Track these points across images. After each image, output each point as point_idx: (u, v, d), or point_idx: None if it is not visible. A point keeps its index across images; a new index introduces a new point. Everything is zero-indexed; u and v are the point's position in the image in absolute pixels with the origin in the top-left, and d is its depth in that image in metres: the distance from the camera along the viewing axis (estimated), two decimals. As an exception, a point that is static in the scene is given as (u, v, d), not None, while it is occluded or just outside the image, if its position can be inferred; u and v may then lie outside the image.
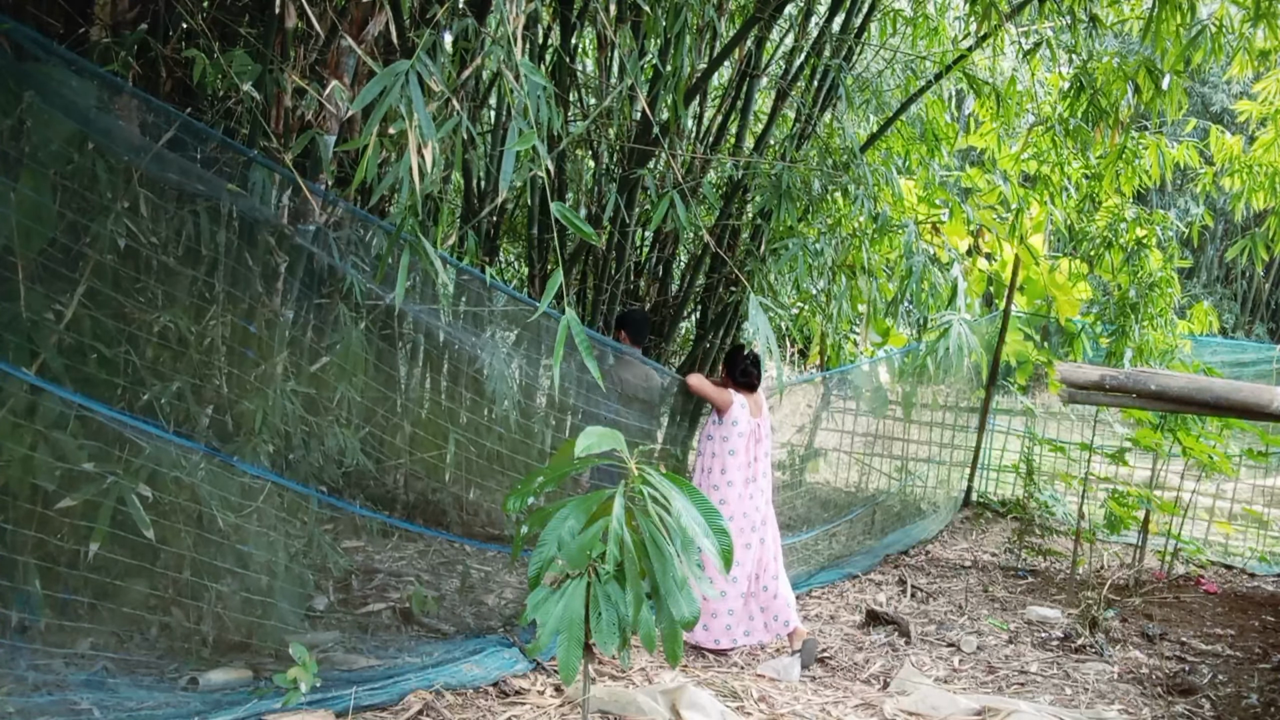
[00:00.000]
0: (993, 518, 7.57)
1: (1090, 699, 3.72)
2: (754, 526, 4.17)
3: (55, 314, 2.61)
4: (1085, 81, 5.17)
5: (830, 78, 4.82)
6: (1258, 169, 6.36)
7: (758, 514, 4.18)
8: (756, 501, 4.19)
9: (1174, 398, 4.41)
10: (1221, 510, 7.06)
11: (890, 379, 7.01)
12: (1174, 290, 6.97)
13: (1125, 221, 6.75)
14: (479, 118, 5.02)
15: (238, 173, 2.84)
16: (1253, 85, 6.41)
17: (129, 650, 2.91)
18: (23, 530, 2.58)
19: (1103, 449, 6.08)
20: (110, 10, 2.85)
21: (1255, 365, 10.48)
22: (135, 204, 2.70)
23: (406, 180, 2.15)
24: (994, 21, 4.72)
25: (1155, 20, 4.49)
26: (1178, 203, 16.41)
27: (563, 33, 4.58)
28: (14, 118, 2.47)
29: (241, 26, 3.06)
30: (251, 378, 2.98)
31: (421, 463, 3.73)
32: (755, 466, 4.22)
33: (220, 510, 2.84)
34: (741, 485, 4.15)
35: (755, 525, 4.17)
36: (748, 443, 4.17)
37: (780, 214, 4.41)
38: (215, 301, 2.89)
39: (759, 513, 4.19)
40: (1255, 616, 5.12)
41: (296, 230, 3.05)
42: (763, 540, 4.20)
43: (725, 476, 4.12)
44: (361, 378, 3.31)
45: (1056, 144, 6.01)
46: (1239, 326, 17.86)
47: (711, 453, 4.18)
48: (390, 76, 2.12)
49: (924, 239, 5.91)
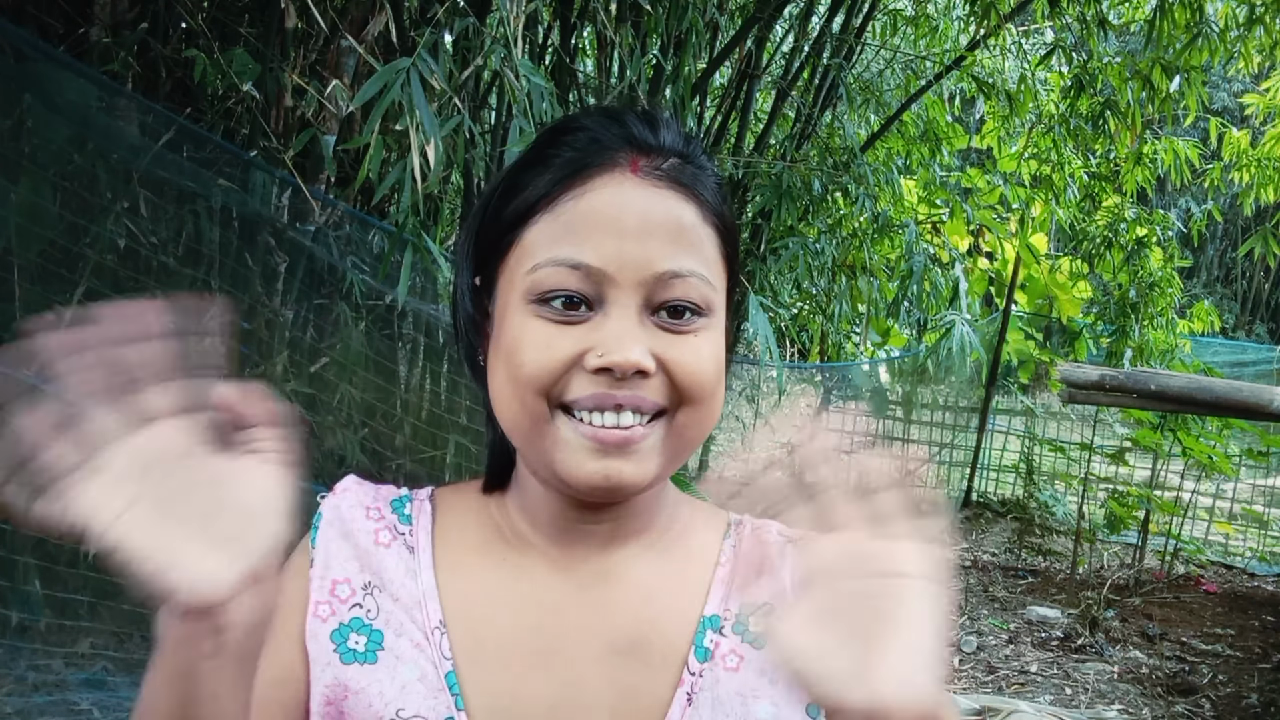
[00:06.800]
0: (993, 518, 7.57)
1: (1090, 699, 3.72)
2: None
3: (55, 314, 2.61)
4: (1085, 81, 5.17)
5: (830, 77, 4.82)
6: (1266, 163, 6.36)
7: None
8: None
9: (1174, 398, 4.41)
10: (1221, 510, 7.06)
11: (890, 378, 7.01)
12: (1174, 290, 6.97)
13: (1125, 221, 6.75)
14: (479, 117, 5.02)
15: (238, 173, 2.84)
16: (1258, 83, 6.42)
17: (129, 650, 2.91)
18: (23, 530, 2.57)
19: (1103, 449, 6.08)
20: (110, 10, 2.85)
21: (1255, 365, 10.50)
22: (135, 204, 2.70)
23: (408, 180, 2.15)
24: (994, 21, 4.71)
25: (1162, 18, 4.48)
26: (1178, 202, 16.42)
27: (563, 33, 4.58)
28: (14, 118, 2.47)
29: (241, 26, 3.06)
30: (250, 377, 2.97)
31: (422, 461, 3.73)
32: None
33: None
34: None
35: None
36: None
37: (780, 214, 4.41)
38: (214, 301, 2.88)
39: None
40: (1255, 616, 5.12)
41: (297, 230, 3.05)
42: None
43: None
44: (362, 374, 3.31)
45: (1057, 144, 6.01)
46: (1239, 326, 17.87)
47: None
48: (391, 74, 2.11)
49: (924, 239, 5.92)
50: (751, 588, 0.73)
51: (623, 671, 0.71)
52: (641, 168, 0.69)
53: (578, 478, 0.67)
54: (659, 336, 0.67)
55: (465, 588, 0.73)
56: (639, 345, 0.66)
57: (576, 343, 0.66)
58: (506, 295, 0.70)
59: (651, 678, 0.71)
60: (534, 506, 0.75)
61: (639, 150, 0.70)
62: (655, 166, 0.69)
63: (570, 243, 0.67)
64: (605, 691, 0.71)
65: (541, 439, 0.67)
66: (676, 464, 0.72)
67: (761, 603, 0.72)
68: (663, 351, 0.67)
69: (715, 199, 0.72)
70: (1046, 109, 6.14)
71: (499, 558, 0.75)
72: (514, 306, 0.69)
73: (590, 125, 0.71)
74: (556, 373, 0.66)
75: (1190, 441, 5.51)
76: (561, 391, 0.66)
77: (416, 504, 0.78)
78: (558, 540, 0.74)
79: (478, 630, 0.71)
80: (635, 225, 0.67)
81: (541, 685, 0.70)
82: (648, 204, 0.68)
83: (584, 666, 0.71)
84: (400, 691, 0.68)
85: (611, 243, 0.67)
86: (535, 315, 0.67)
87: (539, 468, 0.71)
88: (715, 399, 0.71)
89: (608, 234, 0.67)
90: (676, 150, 0.71)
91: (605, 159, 0.69)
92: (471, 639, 0.71)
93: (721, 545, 0.79)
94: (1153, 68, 4.80)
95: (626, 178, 0.68)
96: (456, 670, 0.69)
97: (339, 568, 0.73)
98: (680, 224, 0.69)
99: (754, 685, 0.72)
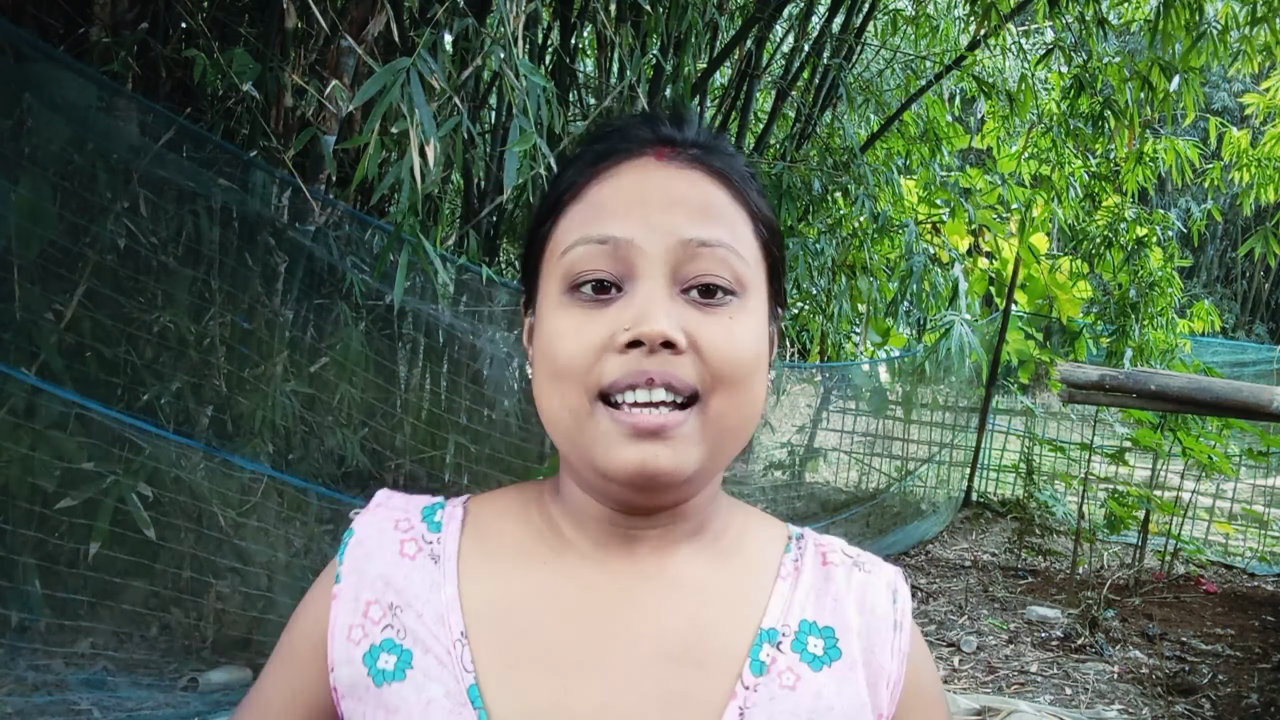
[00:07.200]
0: (993, 518, 7.56)
1: (1090, 699, 3.72)
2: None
3: (55, 314, 2.61)
4: (1085, 81, 5.17)
5: (830, 77, 4.82)
6: (1266, 163, 6.36)
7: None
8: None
9: (1174, 398, 4.41)
10: (1221, 510, 7.06)
11: (890, 378, 7.01)
12: (1174, 290, 6.96)
13: (1126, 221, 6.75)
14: (479, 118, 5.02)
15: (238, 173, 2.84)
16: (1258, 83, 6.41)
17: (129, 650, 2.91)
18: (23, 530, 2.58)
19: (1103, 449, 6.07)
20: (110, 10, 2.85)
21: (1255, 365, 10.49)
22: (135, 204, 2.70)
23: (407, 180, 2.15)
24: (994, 21, 4.72)
25: (1162, 18, 4.48)
26: (1178, 202, 16.42)
27: (563, 33, 4.58)
28: (14, 118, 2.47)
29: (241, 26, 3.06)
30: (250, 376, 2.98)
31: (422, 461, 3.73)
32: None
33: (221, 508, 2.84)
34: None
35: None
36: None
37: (780, 214, 4.41)
38: (215, 301, 2.88)
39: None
40: (1255, 616, 5.11)
41: (297, 230, 3.05)
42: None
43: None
44: (362, 374, 3.31)
45: (1056, 144, 6.01)
46: (1239, 326, 17.86)
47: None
48: (390, 74, 2.11)
49: (924, 239, 5.92)
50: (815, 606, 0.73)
51: (672, 677, 0.68)
52: (667, 155, 0.70)
53: (615, 466, 0.65)
54: (690, 314, 0.67)
55: (495, 594, 0.71)
56: (667, 317, 0.65)
57: (608, 325, 0.66)
58: (545, 293, 0.70)
59: (703, 685, 0.68)
60: (578, 511, 0.73)
61: (665, 141, 0.71)
62: (681, 153, 0.70)
63: (597, 221, 0.67)
64: (653, 698, 0.67)
65: (581, 434, 0.67)
66: (720, 458, 0.70)
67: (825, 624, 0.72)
68: (695, 329, 0.66)
69: (746, 185, 0.72)
70: (1047, 109, 6.14)
71: (539, 561, 0.72)
72: (550, 301, 0.69)
73: (620, 124, 0.73)
74: (590, 358, 0.65)
75: (1190, 441, 5.51)
76: (598, 378, 0.65)
77: (448, 510, 0.76)
78: (604, 543, 0.72)
79: (509, 640, 0.69)
80: (660, 199, 0.68)
81: (584, 691, 0.67)
82: (673, 181, 0.69)
83: (630, 671, 0.68)
84: (425, 708, 0.67)
85: (637, 214, 0.67)
86: (568, 305, 0.67)
87: (581, 467, 0.69)
88: (753, 385, 0.69)
89: (633, 208, 0.67)
90: (703, 142, 0.72)
91: (632, 148, 0.70)
92: (499, 648, 0.69)
93: (782, 558, 0.76)
94: (1151, 68, 4.80)
95: (652, 162, 0.69)
96: (481, 682, 0.67)
97: (368, 588, 0.72)
98: (707, 199, 0.69)
99: (809, 708, 0.68)
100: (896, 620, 0.74)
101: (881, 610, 0.74)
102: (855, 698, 0.70)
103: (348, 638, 0.71)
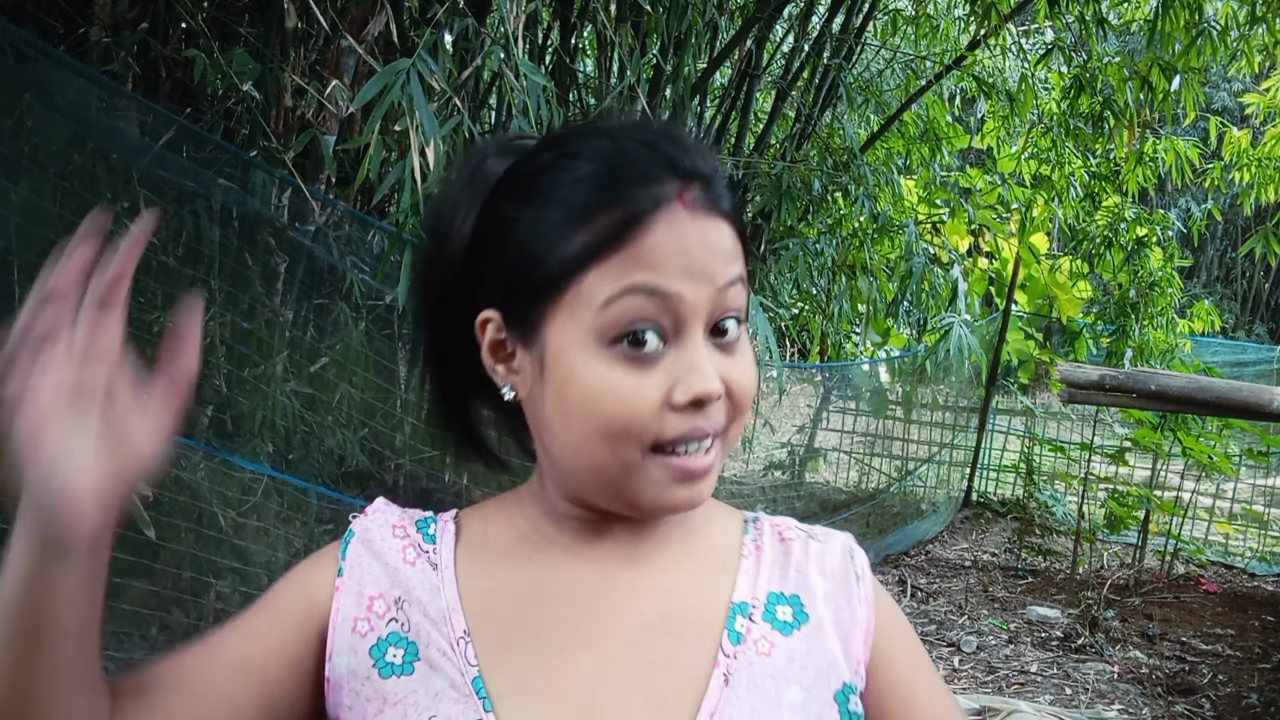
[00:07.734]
0: (993, 518, 7.57)
1: (1090, 699, 3.72)
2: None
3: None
4: (1085, 81, 5.17)
5: (830, 77, 4.82)
6: (1266, 162, 6.35)
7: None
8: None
9: (1174, 398, 4.41)
10: (1221, 510, 7.06)
11: (890, 378, 7.01)
12: (1174, 290, 6.96)
13: (1126, 221, 6.74)
14: (480, 118, 5.02)
15: (238, 173, 2.84)
16: (1258, 83, 6.42)
17: (129, 650, 2.91)
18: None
19: (1103, 449, 6.07)
20: (110, 10, 2.85)
21: (1256, 365, 10.49)
22: (135, 204, 2.69)
23: (408, 180, 2.15)
24: (994, 21, 4.72)
25: (1162, 18, 4.48)
26: (1178, 202, 16.42)
27: (563, 33, 4.58)
28: (14, 118, 2.47)
29: (241, 26, 3.06)
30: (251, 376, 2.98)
31: (422, 461, 3.73)
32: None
33: (221, 508, 2.84)
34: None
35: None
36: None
37: (780, 214, 4.41)
38: (215, 301, 2.88)
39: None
40: (1255, 616, 5.12)
41: (297, 230, 3.05)
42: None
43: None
44: (362, 375, 3.31)
45: (1056, 144, 6.01)
46: (1239, 326, 17.87)
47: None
48: (390, 74, 2.11)
49: (924, 239, 5.92)
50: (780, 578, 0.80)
51: (657, 648, 0.73)
52: (689, 201, 0.71)
53: (663, 506, 0.72)
54: (719, 359, 0.71)
55: (490, 592, 0.76)
56: (715, 371, 0.70)
57: (660, 384, 0.69)
58: (560, 338, 0.70)
59: (685, 653, 0.73)
60: (557, 512, 0.78)
61: (683, 177, 0.71)
62: (697, 197, 0.71)
63: (643, 273, 0.68)
64: (641, 668, 0.72)
65: (630, 480, 0.71)
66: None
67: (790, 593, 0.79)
68: (725, 373, 0.71)
69: (732, 201, 0.75)
70: (1047, 109, 6.14)
71: (524, 558, 0.78)
72: (577, 349, 0.69)
73: (633, 157, 0.71)
74: (650, 418, 0.69)
75: (1190, 441, 5.51)
76: (657, 434, 0.69)
77: (441, 524, 0.81)
78: (582, 537, 0.78)
79: (505, 631, 0.74)
80: (699, 249, 0.70)
81: (575, 669, 0.72)
82: (704, 232, 0.71)
83: (617, 646, 0.73)
84: (433, 699, 0.71)
85: (681, 266, 0.69)
86: (611, 360, 0.69)
87: (611, 501, 0.74)
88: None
89: (676, 259, 0.69)
90: (709, 172, 0.73)
91: (658, 201, 0.70)
92: (498, 642, 0.73)
93: (742, 540, 0.82)
94: (1151, 68, 4.81)
95: (678, 212, 0.70)
96: (484, 675, 0.71)
97: (373, 583, 0.76)
98: (728, 243, 0.72)
99: (785, 670, 0.74)
100: (857, 574, 0.81)
101: (841, 570, 0.81)
102: (826, 655, 0.76)
103: (353, 630, 0.74)
